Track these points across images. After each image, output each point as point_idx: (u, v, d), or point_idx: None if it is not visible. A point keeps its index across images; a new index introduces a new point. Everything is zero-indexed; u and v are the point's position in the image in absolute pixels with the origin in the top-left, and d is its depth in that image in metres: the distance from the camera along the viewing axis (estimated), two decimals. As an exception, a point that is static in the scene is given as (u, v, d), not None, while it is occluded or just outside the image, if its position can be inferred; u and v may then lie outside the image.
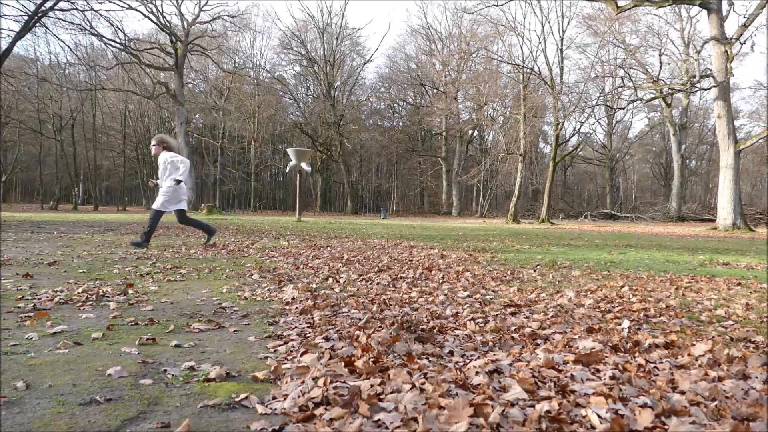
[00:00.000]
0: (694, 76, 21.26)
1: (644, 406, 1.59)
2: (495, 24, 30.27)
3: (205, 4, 33.62)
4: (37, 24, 22.96)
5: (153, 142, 7.32)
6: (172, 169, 7.07)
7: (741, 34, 18.72)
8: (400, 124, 53.97)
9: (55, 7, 22.98)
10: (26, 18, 22.10)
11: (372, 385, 1.71)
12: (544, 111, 36.31)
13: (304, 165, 23.31)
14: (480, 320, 2.83)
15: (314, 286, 3.99)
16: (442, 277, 4.55)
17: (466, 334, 2.50)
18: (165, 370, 1.91)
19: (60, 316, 2.76)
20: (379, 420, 1.48)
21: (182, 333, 2.50)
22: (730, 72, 18.87)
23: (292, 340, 2.38)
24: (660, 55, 28.80)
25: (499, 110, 40.82)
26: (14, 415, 1.49)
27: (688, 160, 44.68)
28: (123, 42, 29.46)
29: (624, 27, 31.55)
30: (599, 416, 1.49)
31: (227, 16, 34.74)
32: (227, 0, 42.66)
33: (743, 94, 61.03)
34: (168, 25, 32.96)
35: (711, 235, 16.88)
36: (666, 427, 1.46)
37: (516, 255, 7.15)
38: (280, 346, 2.29)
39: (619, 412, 1.54)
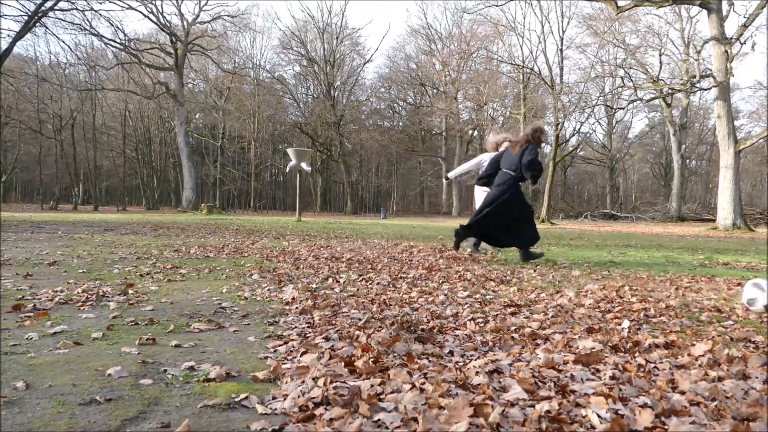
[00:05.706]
0: (694, 76, 21.25)
1: (644, 406, 1.59)
2: (495, 24, 30.33)
3: (205, 4, 33.66)
4: (37, 24, 23.00)
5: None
6: None
7: (741, 34, 18.71)
8: (400, 124, 53.91)
9: (55, 7, 23.02)
10: (26, 18, 22.12)
11: (372, 385, 1.71)
12: (544, 111, 36.33)
13: (304, 165, 23.32)
14: (480, 320, 2.82)
15: (314, 286, 3.98)
16: (442, 277, 4.55)
17: (466, 334, 2.50)
18: (165, 370, 1.91)
19: (60, 316, 2.76)
20: (379, 420, 1.48)
21: (182, 333, 2.50)
22: (730, 72, 18.87)
23: (292, 340, 2.37)
24: (660, 55, 28.88)
25: (499, 110, 40.85)
26: (14, 415, 1.49)
27: (688, 160, 44.66)
28: (123, 42, 29.49)
29: (624, 27, 31.54)
30: (599, 416, 1.49)
31: (227, 16, 34.81)
32: (227, 0, 42.69)
33: (743, 94, 60.77)
34: (168, 25, 33.01)
35: (711, 235, 16.87)
36: (666, 427, 1.46)
37: (516, 255, 7.14)
38: (280, 346, 2.29)
39: (619, 412, 1.54)
